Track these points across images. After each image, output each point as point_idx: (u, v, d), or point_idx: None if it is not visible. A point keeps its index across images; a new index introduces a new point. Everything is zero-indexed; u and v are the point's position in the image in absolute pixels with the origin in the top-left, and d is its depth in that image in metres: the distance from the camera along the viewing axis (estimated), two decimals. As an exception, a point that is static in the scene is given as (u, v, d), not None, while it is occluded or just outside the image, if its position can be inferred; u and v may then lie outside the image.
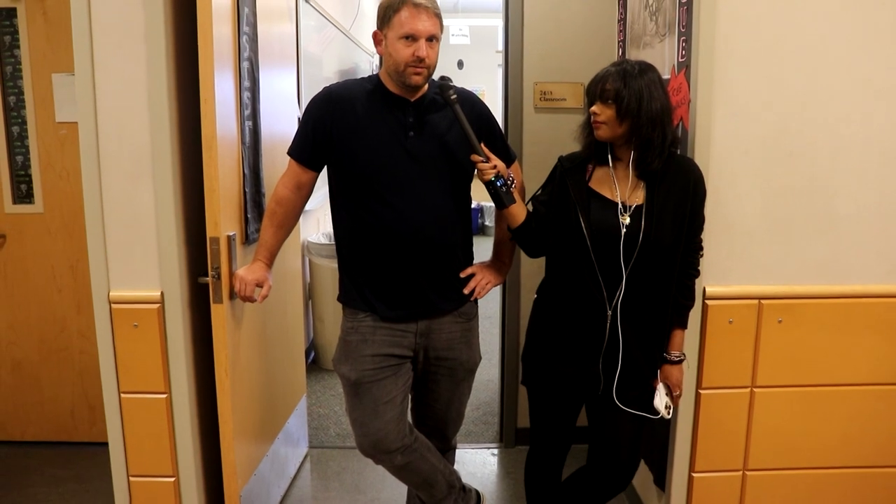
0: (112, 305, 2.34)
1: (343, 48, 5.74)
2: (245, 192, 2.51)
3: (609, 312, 2.13)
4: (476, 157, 2.19)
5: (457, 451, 2.74)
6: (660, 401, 2.21)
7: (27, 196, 3.42)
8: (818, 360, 2.41)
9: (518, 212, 2.24)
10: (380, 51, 2.23)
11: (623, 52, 3.01)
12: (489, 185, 2.19)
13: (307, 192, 2.37)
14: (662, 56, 2.48)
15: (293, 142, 2.33)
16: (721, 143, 2.28)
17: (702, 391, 2.41)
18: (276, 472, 3.04)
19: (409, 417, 2.46)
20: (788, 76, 2.27)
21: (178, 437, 2.43)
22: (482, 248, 2.44)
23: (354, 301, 2.34)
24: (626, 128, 2.05)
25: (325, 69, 5.08)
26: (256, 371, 2.70)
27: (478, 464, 3.55)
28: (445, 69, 10.07)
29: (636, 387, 2.20)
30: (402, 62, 2.14)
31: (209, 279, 2.30)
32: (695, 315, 2.31)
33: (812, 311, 2.38)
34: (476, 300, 2.43)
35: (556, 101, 3.35)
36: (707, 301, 2.35)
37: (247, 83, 2.50)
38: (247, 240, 2.53)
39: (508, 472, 3.47)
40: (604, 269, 2.11)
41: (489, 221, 9.90)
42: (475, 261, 2.45)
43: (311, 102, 2.30)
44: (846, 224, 2.35)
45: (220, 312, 2.31)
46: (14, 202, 3.41)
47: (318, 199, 3.84)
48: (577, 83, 3.31)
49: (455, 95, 2.20)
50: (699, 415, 2.43)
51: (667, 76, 2.42)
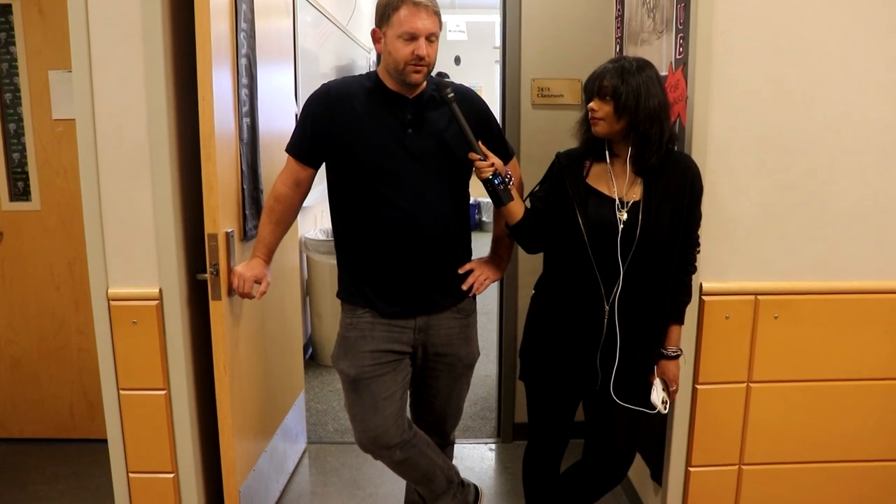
0: (111, 302, 2.34)
1: (340, 44, 5.73)
2: (243, 189, 2.51)
3: (606, 308, 2.13)
4: (474, 156, 2.19)
5: (455, 447, 2.75)
6: (656, 396, 2.22)
7: (24, 193, 3.42)
8: (814, 356, 2.42)
9: (516, 209, 2.25)
10: (378, 49, 2.23)
11: (620, 49, 3.01)
12: (487, 183, 2.19)
13: (305, 189, 2.37)
14: (660, 53, 2.49)
15: (291, 139, 2.33)
16: (718, 140, 2.28)
17: (698, 386, 2.42)
18: (275, 468, 3.04)
19: (408, 413, 2.47)
20: (786, 73, 2.27)
21: (178, 434, 2.43)
22: (479, 244, 2.44)
23: (353, 297, 2.34)
24: (624, 124, 2.06)
25: (322, 65, 5.08)
26: (255, 367, 2.70)
27: (476, 459, 3.56)
28: (442, 65, 10.05)
29: (633, 382, 2.21)
30: (402, 61, 2.14)
31: (207, 276, 2.30)
32: (691, 311, 2.32)
33: (808, 307, 2.39)
34: (474, 296, 2.44)
35: (554, 98, 3.35)
36: (704, 297, 2.36)
37: (245, 80, 2.50)
38: (245, 236, 2.54)
39: (506, 468, 3.48)
40: (601, 265, 2.11)
41: (486, 217, 9.91)
42: (473, 257, 2.45)
43: (310, 99, 2.30)
44: (843, 220, 2.36)
45: (219, 309, 2.31)
46: (11, 199, 3.41)
47: (316, 196, 3.84)
48: (575, 79, 3.31)
49: (452, 94, 2.20)
50: (696, 410, 2.44)
51: (664, 73, 2.43)
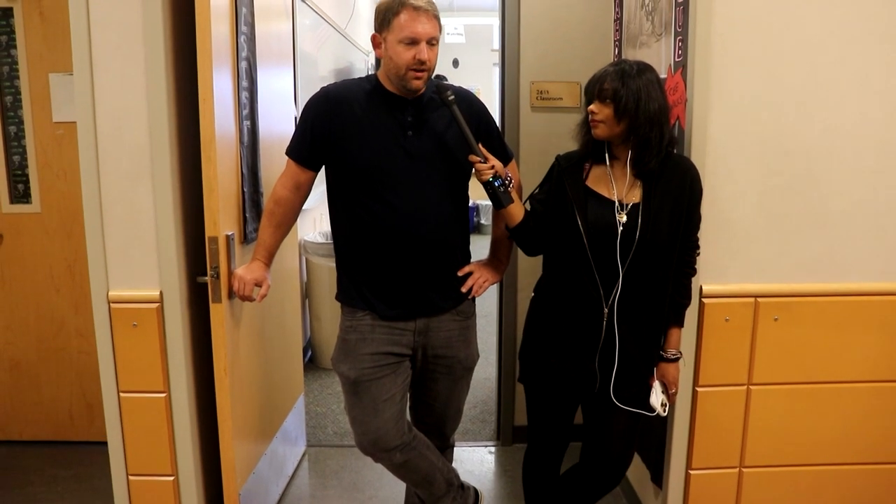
0: (111, 305, 2.35)
1: (338, 47, 5.74)
2: (243, 192, 2.52)
3: (605, 310, 2.14)
4: (474, 158, 2.20)
5: (454, 450, 2.75)
6: (656, 398, 2.23)
7: (24, 196, 3.42)
8: (814, 358, 2.43)
9: (516, 211, 2.26)
10: (379, 54, 2.23)
11: (619, 52, 3.02)
12: (487, 186, 2.20)
13: (306, 192, 2.37)
14: (659, 56, 2.49)
15: (291, 142, 2.33)
16: (717, 142, 2.29)
17: (698, 389, 2.42)
18: (275, 471, 3.04)
19: (408, 416, 2.47)
20: (784, 75, 2.28)
21: (178, 437, 2.43)
22: (478, 247, 2.45)
23: (353, 300, 2.35)
24: (624, 127, 2.06)
25: (321, 68, 5.08)
26: (255, 370, 2.70)
27: (475, 462, 3.56)
28: (440, 68, 10.03)
29: (632, 384, 2.21)
30: (404, 66, 2.14)
31: (208, 279, 2.30)
32: (691, 313, 2.32)
33: (808, 309, 2.40)
34: (474, 298, 2.44)
35: (553, 101, 3.36)
36: (704, 299, 2.36)
37: (245, 83, 2.51)
38: (245, 239, 2.54)
39: (506, 470, 3.48)
40: (600, 267, 2.12)
41: (485, 220, 9.91)
42: (472, 259, 2.46)
43: (309, 102, 2.30)
44: (842, 222, 2.37)
45: (219, 312, 2.31)
46: (11, 202, 3.41)
47: (315, 198, 3.84)
48: (574, 82, 3.32)
49: (452, 96, 2.21)
50: (696, 412, 2.44)
51: (663, 76, 2.43)
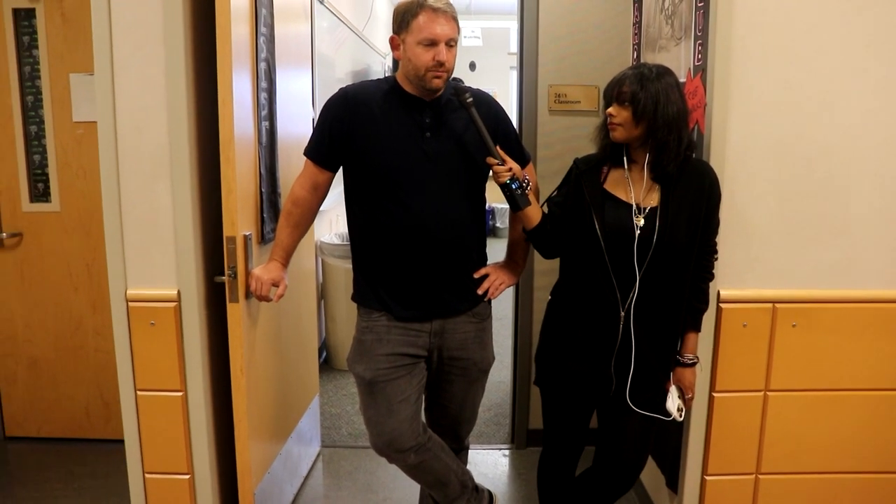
0: (129, 304, 2.36)
1: (356, 49, 5.76)
2: (261, 192, 2.53)
3: (622, 314, 2.13)
4: (492, 160, 2.20)
5: (469, 452, 2.75)
6: (672, 403, 2.22)
7: (44, 195, 3.45)
8: (832, 365, 2.41)
9: (533, 214, 2.25)
10: (397, 55, 2.23)
11: (638, 56, 3.01)
12: (504, 188, 2.20)
13: (323, 193, 2.38)
14: (678, 59, 2.49)
15: (310, 142, 2.34)
16: (737, 147, 2.28)
17: (715, 394, 2.41)
18: (289, 471, 3.05)
19: (423, 417, 2.47)
20: (805, 79, 2.27)
21: (194, 435, 2.45)
22: (494, 250, 2.45)
23: (369, 301, 2.35)
24: (642, 130, 2.06)
25: (338, 70, 5.10)
26: (271, 370, 2.71)
27: (489, 465, 3.56)
28: (457, 71, 10.02)
29: (648, 389, 2.20)
30: (423, 67, 2.15)
31: (225, 278, 2.31)
32: (709, 318, 2.31)
33: (826, 316, 2.38)
34: (490, 301, 2.44)
35: (571, 104, 3.35)
36: (721, 304, 2.35)
37: (264, 84, 2.52)
38: (263, 239, 2.55)
39: (520, 474, 3.47)
40: (617, 271, 2.11)
41: (500, 223, 9.91)
42: (488, 262, 2.46)
43: (328, 103, 2.31)
44: (861, 228, 2.35)
45: (236, 311, 2.32)
46: (31, 201, 3.45)
47: (332, 200, 3.84)
48: (592, 86, 3.31)
49: (471, 98, 2.21)
50: (712, 418, 2.42)
51: (683, 79, 2.42)
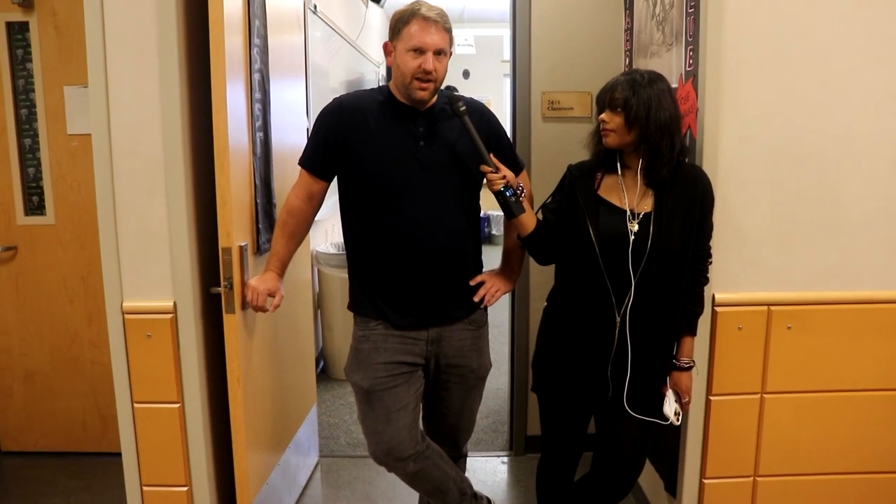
0: (125, 316, 2.36)
1: (350, 58, 5.77)
2: (256, 203, 2.53)
3: (618, 319, 2.14)
4: (485, 168, 2.21)
5: (467, 459, 2.75)
6: (669, 407, 2.22)
7: (39, 208, 3.44)
8: (828, 366, 2.42)
9: (527, 221, 2.26)
10: (389, 62, 2.25)
11: (630, 62, 3.03)
12: (499, 195, 2.21)
13: (318, 202, 2.39)
14: (670, 65, 2.50)
15: (304, 152, 2.35)
16: (729, 151, 2.29)
17: (712, 397, 2.41)
18: (288, 482, 3.05)
19: (421, 425, 2.47)
20: (796, 83, 2.28)
21: (191, 447, 2.44)
22: (489, 257, 2.45)
23: (366, 309, 2.35)
24: (635, 136, 2.07)
25: (332, 80, 5.11)
26: (268, 381, 2.71)
27: (488, 472, 3.55)
28: (451, 79, 10.06)
29: (645, 393, 2.21)
30: (409, 74, 2.16)
31: (221, 289, 2.31)
32: (704, 322, 2.32)
33: (821, 318, 2.39)
34: (486, 308, 2.45)
35: (564, 111, 3.36)
36: (716, 308, 2.36)
37: (258, 94, 2.52)
38: (258, 250, 2.55)
39: (519, 480, 3.47)
40: (612, 276, 2.12)
41: (496, 231, 9.92)
42: (484, 269, 2.46)
43: (322, 113, 2.32)
44: (855, 230, 2.36)
45: (233, 322, 2.32)
46: (26, 214, 3.44)
47: (327, 210, 3.85)
48: (585, 92, 3.33)
49: (464, 107, 2.22)
50: (709, 421, 2.43)
51: (674, 85, 2.44)
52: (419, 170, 2.24)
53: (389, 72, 2.30)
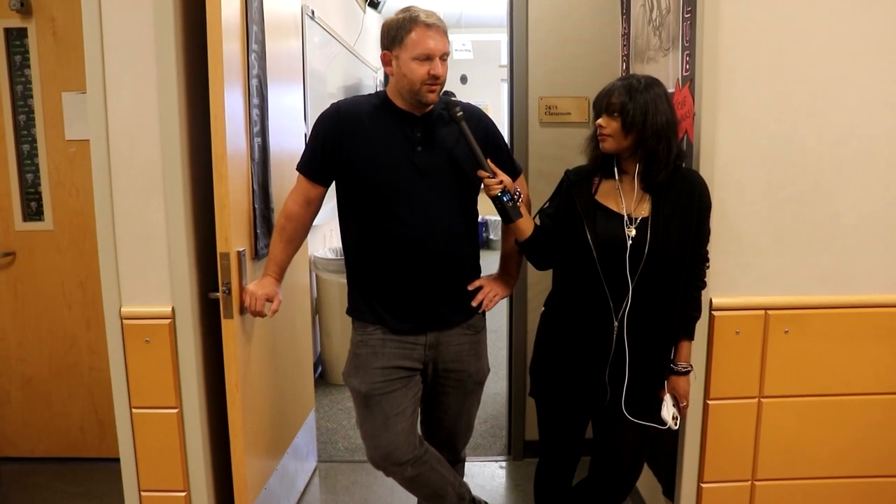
0: (123, 321, 2.36)
1: (347, 64, 5.78)
2: (255, 208, 2.53)
3: (615, 324, 2.14)
4: (482, 173, 2.21)
5: (465, 464, 2.75)
6: (667, 412, 2.22)
7: (37, 213, 3.45)
8: (825, 370, 2.42)
9: (525, 226, 2.27)
10: (390, 71, 2.25)
11: (627, 67, 3.03)
12: (496, 200, 2.21)
13: (316, 207, 2.39)
14: (667, 70, 2.51)
15: (302, 157, 2.35)
16: (726, 156, 2.30)
17: (710, 402, 2.42)
18: (286, 487, 3.04)
19: (419, 430, 2.47)
20: (793, 88, 2.29)
21: (189, 452, 2.44)
22: (487, 262, 2.46)
23: (364, 314, 2.36)
24: (632, 141, 2.07)
25: (330, 85, 5.11)
26: (266, 386, 2.71)
27: (486, 477, 3.55)
28: (448, 84, 10.07)
29: (643, 398, 2.21)
30: (418, 81, 2.17)
31: (220, 294, 2.31)
32: (702, 326, 2.32)
33: (818, 322, 2.39)
34: (484, 313, 2.45)
35: (562, 116, 3.37)
36: (714, 312, 2.36)
37: (256, 100, 2.53)
38: (256, 255, 2.55)
39: (517, 485, 3.47)
40: (610, 281, 2.12)
41: (494, 235, 9.92)
42: (482, 274, 2.47)
43: (320, 118, 2.32)
44: (852, 234, 2.37)
45: (231, 327, 2.32)
46: (24, 219, 3.44)
47: (325, 215, 3.86)
48: (582, 97, 3.33)
49: (461, 112, 2.23)
50: (707, 425, 2.43)
51: (671, 90, 2.44)
52: (417, 175, 2.24)
53: (387, 77, 2.31)
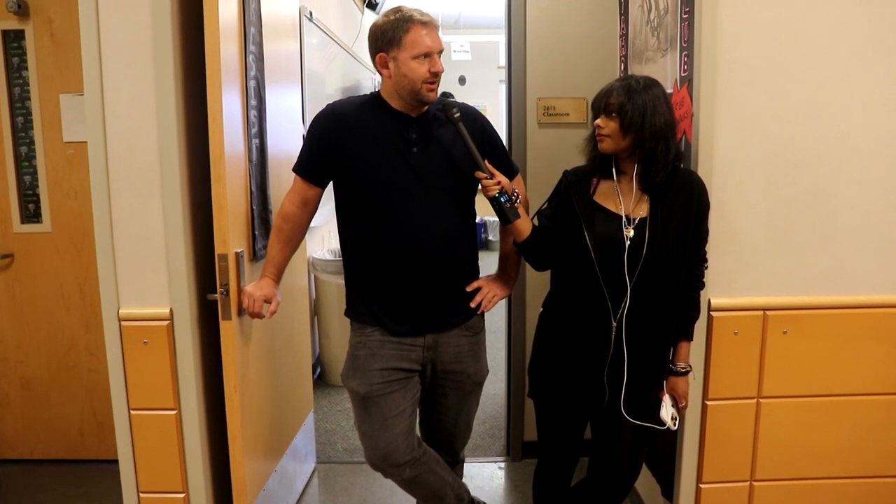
0: (122, 323, 2.36)
1: (346, 65, 5.78)
2: (253, 210, 2.53)
3: (614, 324, 2.14)
4: (480, 174, 2.21)
5: (464, 465, 2.75)
6: (666, 412, 2.22)
7: (35, 216, 3.45)
8: (824, 371, 2.42)
9: (523, 226, 2.27)
10: (386, 73, 2.24)
11: (625, 68, 3.03)
12: (493, 201, 2.21)
13: (313, 208, 2.39)
14: (665, 71, 2.51)
15: (298, 159, 2.35)
16: (724, 156, 2.30)
17: (708, 402, 2.42)
18: (285, 488, 3.04)
19: (418, 431, 2.47)
20: (791, 88, 2.29)
21: (188, 454, 2.44)
22: (486, 263, 2.46)
23: (362, 316, 2.36)
24: (630, 141, 2.07)
25: (328, 86, 5.11)
26: (265, 387, 2.71)
27: (485, 477, 3.55)
28: (447, 85, 10.12)
29: (642, 398, 2.21)
30: (420, 80, 2.17)
31: (218, 296, 2.31)
32: (700, 326, 2.32)
33: (817, 322, 2.39)
34: (483, 314, 2.45)
35: (560, 116, 3.37)
36: (712, 312, 2.36)
37: (253, 101, 2.53)
38: (254, 256, 2.55)
39: (516, 486, 3.47)
40: (608, 282, 2.12)
41: (493, 237, 9.93)
42: (481, 275, 2.47)
43: (315, 119, 2.32)
44: (850, 235, 2.37)
45: (229, 329, 2.32)
46: (22, 222, 3.44)
47: (324, 216, 3.87)
48: (581, 98, 3.34)
49: (458, 113, 2.23)
50: (706, 426, 2.43)
51: (669, 90, 2.44)
52: (413, 176, 2.24)
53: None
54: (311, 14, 4.42)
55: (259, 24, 2.57)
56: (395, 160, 2.24)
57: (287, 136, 2.99)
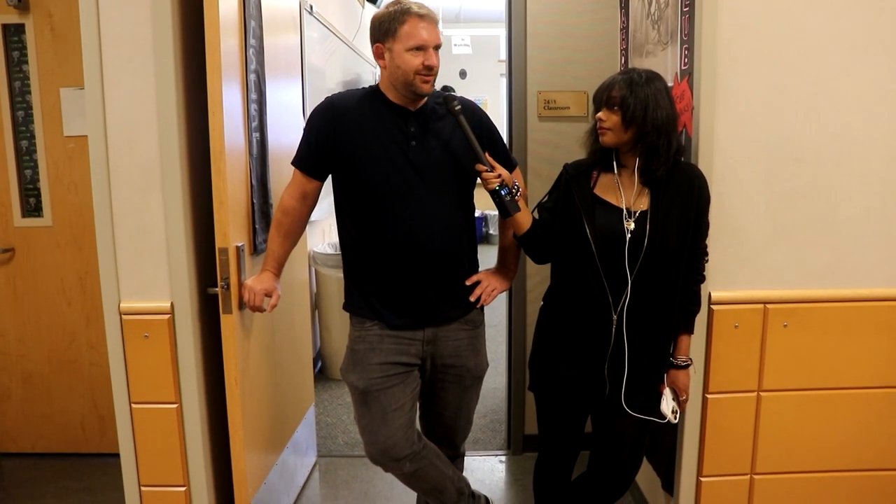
0: (123, 316, 2.36)
1: (346, 59, 5.77)
2: (253, 203, 2.53)
3: (614, 318, 2.14)
4: (481, 167, 2.21)
5: (465, 459, 2.75)
6: (666, 406, 2.23)
7: (36, 210, 3.45)
8: (824, 364, 2.42)
9: (523, 219, 2.27)
10: (382, 64, 2.24)
11: (626, 61, 3.03)
12: (493, 194, 2.21)
13: (312, 202, 2.39)
14: (665, 64, 2.50)
15: (297, 152, 2.35)
16: (725, 150, 2.29)
17: (709, 395, 2.42)
18: (286, 482, 3.05)
19: (418, 425, 2.47)
20: (791, 82, 2.29)
21: (189, 447, 2.44)
22: (486, 257, 2.46)
23: (361, 310, 2.36)
24: (631, 135, 2.07)
25: (329, 80, 5.11)
26: (265, 381, 2.71)
27: (486, 471, 3.56)
28: (448, 79, 10.11)
29: (642, 392, 2.21)
30: (412, 72, 2.17)
31: (218, 290, 2.32)
32: (701, 320, 2.32)
33: (817, 315, 2.39)
34: (482, 307, 2.45)
35: (560, 110, 3.37)
36: (713, 306, 2.36)
37: (254, 95, 2.53)
38: (255, 250, 2.55)
39: (517, 479, 3.48)
40: (609, 275, 2.12)
41: (493, 230, 9.93)
42: (480, 268, 2.47)
43: (314, 113, 2.32)
44: (851, 228, 2.37)
45: (230, 323, 2.33)
46: (23, 216, 3.44)
47: (324, 210, 3.87)
48: (581, 92, 3.33)
49: (459, 106, 2.23)
50: (706, 419, 2.43)
51: (670, 84, 2.44)
52: (411, 170, 2.24)
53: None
54: (312, 7, 4.42)
55: (259, 18, 2.57)
56: (394, 154, 2.24)
57: (287, 130, 2.99)
